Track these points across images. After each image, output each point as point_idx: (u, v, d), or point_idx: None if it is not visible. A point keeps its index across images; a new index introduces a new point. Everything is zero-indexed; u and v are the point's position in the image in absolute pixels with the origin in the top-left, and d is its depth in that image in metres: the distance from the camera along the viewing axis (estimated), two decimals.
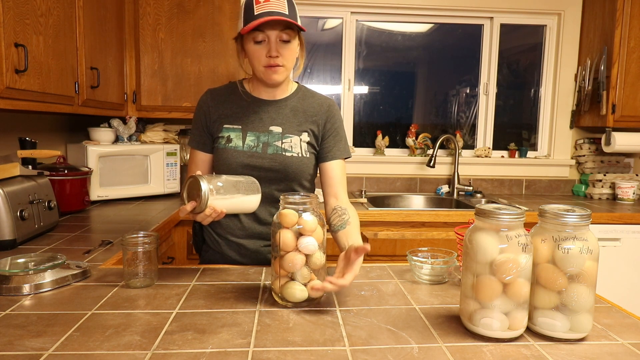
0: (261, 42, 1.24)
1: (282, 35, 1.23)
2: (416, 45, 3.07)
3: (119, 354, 0.77)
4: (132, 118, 2.50)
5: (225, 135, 1.32)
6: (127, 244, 1.09)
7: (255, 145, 1.31)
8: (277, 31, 1.22)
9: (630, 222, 2.36)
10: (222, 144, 1.32)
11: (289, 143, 1.32)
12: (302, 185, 1.37)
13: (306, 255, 0.97)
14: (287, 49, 1.26)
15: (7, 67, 1.37)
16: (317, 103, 1.39)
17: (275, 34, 1.22)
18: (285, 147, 1.31)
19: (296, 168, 1.32)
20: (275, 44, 1.23)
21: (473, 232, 0.86)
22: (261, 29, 1.22)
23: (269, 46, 1.23)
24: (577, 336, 0.84)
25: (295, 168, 1.32)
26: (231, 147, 1.31)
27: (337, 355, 0.78)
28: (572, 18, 2.94)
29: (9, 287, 1.03)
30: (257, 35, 1.23)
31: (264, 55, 1.24)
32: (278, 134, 1.32)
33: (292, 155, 1.31)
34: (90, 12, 1.94)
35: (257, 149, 1.31)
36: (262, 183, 1.28)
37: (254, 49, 1.25)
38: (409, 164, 2.98)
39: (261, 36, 1.23)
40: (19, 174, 1.56)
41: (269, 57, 1.24)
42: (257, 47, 1.25)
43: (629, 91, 2.63)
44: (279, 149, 1.31)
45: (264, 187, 1.28)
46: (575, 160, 3.03)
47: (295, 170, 1.32)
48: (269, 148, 1.31)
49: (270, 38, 1.23)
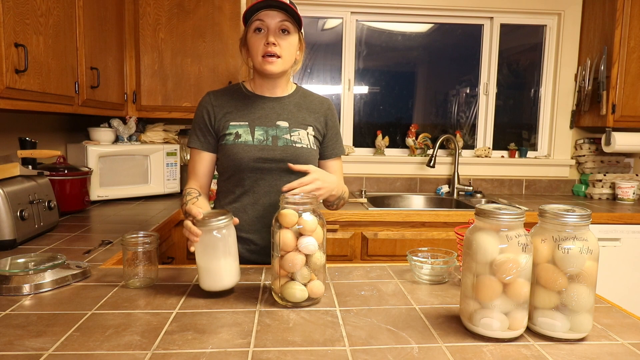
0: (261, 31, 1.28)
1: (281, 25, 1.27)
2: (416, 45, 3.07)
3: (119, 354, 0.77)
4: (132, 118, 2.50)
5: (233, 131, 1.33)
6: (127, 244, 1.09)
7: (265, 139, 1.33)
8: (277, 20, 1.26)
9: (630, 222, 2.36)
10: (230, 140, 1.33)
11: (297, 136, 1.35)
12: None
13: (306, 255, 0.97)
14: (286, 41, 1.29)
15: (7, 67, 1.37)
16: (317, 101, 1.43)
17: (274, 23, 1.27)
18: (294, 139, 1.34)
19: (306, 159, 1.35)
20: (273, 32, 1.27)
21: (473, 232, 0.86)
22: (261, 17, 1.26)
23: (267, 34, 1.27)
24: (577, 336, 0.84)
25: (306, 159, 1.35)
26: (241, 142, 1.32)
27: (337, 355, 0.78)
28: (572, 18, 2.94)
29: (9, 287, 1.03)
30: (257, 24, 1.27)
31: (262, 44, 1.28)
32: (285, 127, 1.35)
33: (302, 147, 1.35)
34: (90, 12, 1.94)
35: (268, 142, 1.32)
36: (272, 175, 1.33)
37: (253, 38, 1.29)
38: (409, 164, 2.98)
39: (260, 24, 1.27)
40: (19, 174, 1.56)
41: (267, 45, 1.27)
42: (256, 37, 1.29)
43: (629, 91, 2.63)
44: (288, 141, 1.34)
45: (274, 180, 1.32)
46: (575, 160, 3.03)
47: (306, 161, 1.35)
48: (279, 141, 1.33)
49: (270, 26, 1.27)
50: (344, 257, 2.30)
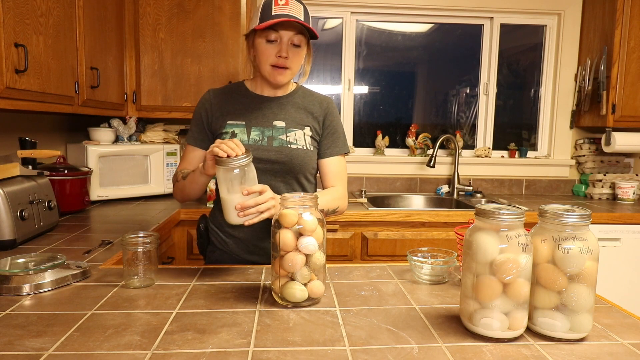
0: (273, 42, 1.28)
1: (294, 39, 1.28)
2: (416, 45, 3.07)
3: (119, 354, 0.77)
4: (132, 118, 2.49)
5: (230, 130, 1.34)
6: (127, 244, 1.09)
7: (260, 139, 1.33)
8: (291, 34, 1.27)
9: (630, 222, 2.36)
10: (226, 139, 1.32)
11: (293, 136, 1.35)
12: (306, 179, 1.40)
13: (306, 255, 0.97)
14: (296, 54, 1.30)
15: (7, 67, 1.37)
16: (316, 100, 1.43)
17: (288, 35, 1.27)
18: (290, 140, 1.34)
19: (301, 160, 1.35)
20: (286, 45, 1.28)
21: (473, 232, 0.86)
22: (276, 28, 1.26)
23: (280, 46, 1.27)
24: (577, 336, 0.84)
25: (301, 160, 1.35)
26: None
27: (337, 355, 0.78)
28: (572, 18, 2.94)
29: (9, 287, 1.03)
30: (271, 35, 1.27)
31: (274, 55, 1.28)
32: (282, 128, 1.35)
33: (297, 148, 1.34)
34: (90, 12, 1.94)
35: (263, 142, 1.33)
36: (267, 176, 1.32)
37: (265, 47, 1.29)
38: (409, 164, 2.98)
39: (274, 36, 1.27)
40: (19, 174, 1.56)
41: (279, 57, 1.28)
42: (268, 46, 1.28)
43: (629, 91, 2.63)
44: (284, 142, 1.33)
45: (269, 180, 1.31)
46: (575, 160, 3.03)
47: (301, 162, 1.35)
48: (274, 141, 1.33)
49: (283, 39, 1.27)
50: (344, 257, 2.30)
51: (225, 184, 1.08)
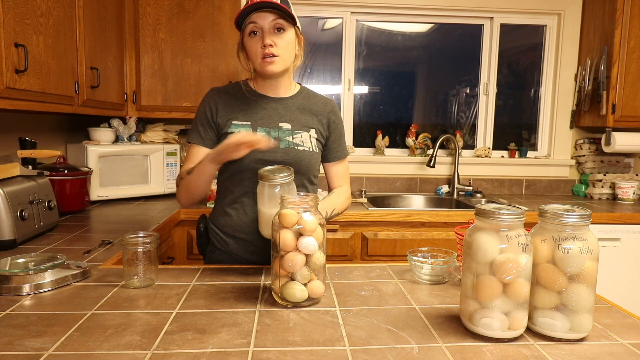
0: (256, 34, 1.27)
1: (274, 24, 1.26)
2: (416, 45, 3.07)
3: (119, 354, 0.77)
4: (132, 118, 2.49)
5: (235, 131, 1.32)
6: (127, 244, 1.09)
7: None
8: (269, 20, 1.25)
9: (630, 222, 2.36)
10: None
11: (299, 138, 1.35)
12: (310, 181, 1.40)
13: (306, 255, 0.97)
14: (282, 39, 1.28)
15: (7, 67, 1.37)
16: (321, 103, 1.43)
17: (268, 23, 1.26)
18: (296, 142, 1.34)
19: (308, 162, 1.35)
20: (268, 33, 1.26)
21: (473, 232, 0.86)
22: (254, 20, 1.25)
23: (263, 36, 1.26)
24: (577, 336, 0.84)
25: (307, 162, 1.35)
26: None
27: (337, 355, 0.78)
28: (572, 18, 2.94)
29: (9, 287, 1.03)
30: (251, 27, 1.26)
31: (259, 47, 1.27)
32: (288, 130, 1.34)
33: (304, 150, 1.34)
34: (90, 12, 1.94)
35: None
36: None
37: (250, 43, 1.29)
38: (409, 164, 2.98)
39: (253, 26, 1.26)
40: (19, 174, 1.56)
41: (263, 47, 1.26)
42: (252, 40, 1.28)
43: (629, 91, 2.63)
44: (290, 143, 1.33)
45: None
46: (575, 160, 3.03)
47: (307, 165, 1.35)
48: (281, 143, 1.33)
49: (264, 28, 1.26)
50: (344, 257, 2.30)
51: (267, 199, 1.13)
